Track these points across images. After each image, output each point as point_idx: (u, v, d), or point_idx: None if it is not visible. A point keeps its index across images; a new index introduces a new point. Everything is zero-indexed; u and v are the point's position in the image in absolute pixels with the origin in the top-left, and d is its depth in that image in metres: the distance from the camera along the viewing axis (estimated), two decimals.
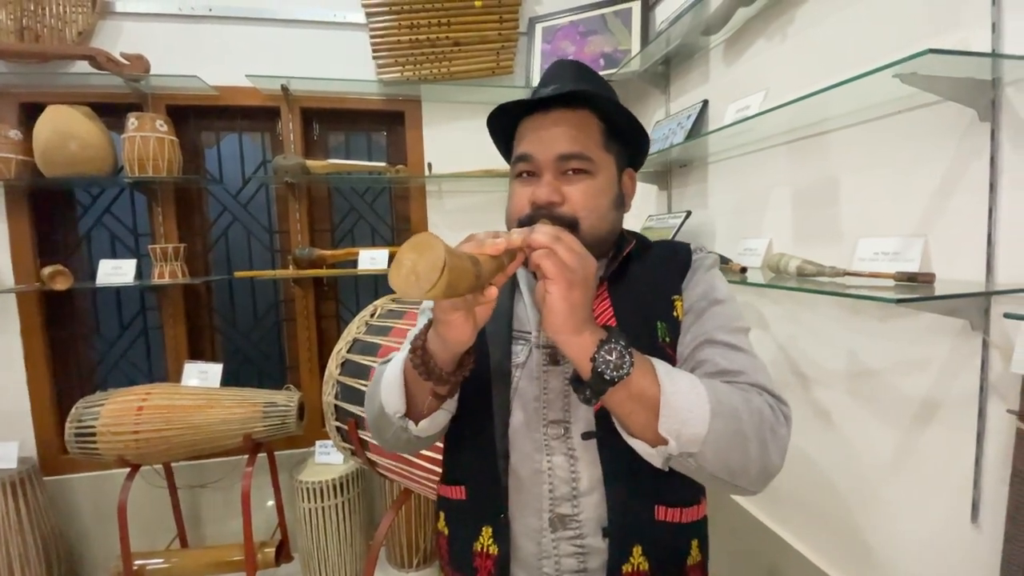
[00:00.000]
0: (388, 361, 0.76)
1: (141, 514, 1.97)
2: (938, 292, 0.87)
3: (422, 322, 0.81)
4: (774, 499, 1.44)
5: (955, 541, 0.97)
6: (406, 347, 0.74)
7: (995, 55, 0.85)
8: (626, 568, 0.67)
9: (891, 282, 0.94)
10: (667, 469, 0.62)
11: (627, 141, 0.75)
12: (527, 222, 0.65)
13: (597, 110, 0.71)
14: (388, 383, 0.69)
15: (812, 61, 1.24)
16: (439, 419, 0.70)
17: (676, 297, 0.72)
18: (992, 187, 0.88)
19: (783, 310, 1.37)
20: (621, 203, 0.75)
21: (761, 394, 0.63)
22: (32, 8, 1.96)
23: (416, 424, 0.69)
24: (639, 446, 0.61)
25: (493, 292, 0.56)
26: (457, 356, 0.63)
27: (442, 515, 0.80)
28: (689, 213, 1.68)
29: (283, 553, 1.94)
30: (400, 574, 2.08)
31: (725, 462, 0.58)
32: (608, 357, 0.55)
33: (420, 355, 0.62)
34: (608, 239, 0.73)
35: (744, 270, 1.31)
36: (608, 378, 0.55)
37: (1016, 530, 0.84)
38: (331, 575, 1.96)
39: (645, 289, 0.73)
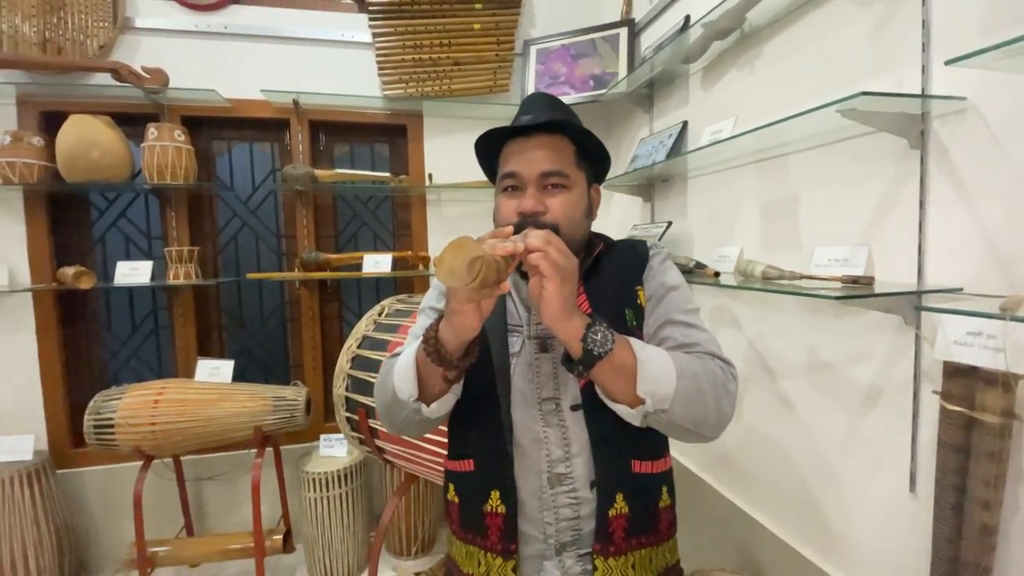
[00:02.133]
0: (396, 356, 0.87)
1: (148, 505, 2.05)
2: (876, 292, 1.03)
3: (421, 320, 0.94)
4: (745, 482, 1.59)
5: (897, 509, 1.12)
6: (410, 343, 0.87)
7: (924, 96, 1.02)
8: (611, 512, 0.81)
9: (839, 284, 1.10)
10: (644, 427, 0.76)
11: (594, 161, 0.89)
12: (517, 229, 0.78)
13: (570, 135, 0.84)
14: (401, 372, 0.79)
15: (776, 91, 1.41)
16: (447, 401, 0.81)
17: (638, 287, 0.87)
18: (922, 204, 1.05)
19: (753, 311, 1.53)
20: (590, 212, 0.89)
21: (713, 359, 0.78)
22: (55, 21, 2.07)
23: (428, 406, 0.79)
24: (621, 409, 0.75)
25: (507, 286, 0.68)
26: (465, 344, 0.74)
27: (451, 486, 0.91)
28: (670, 223, 1.84)
29: (287, 544, 2.04)
30: (399, 562, 2.19)
31: (690, 414, 0.73)
32: (595, 337, 0.69)
33: (433, 344, 0.73)
34: (581, 242, 0.87)
35: (717, 274, 1.47)
36: (596, 353, 0.69)
37: (942, 492, 0.99)
38: (334, 562, 2.06)
39: (613, 282, 0.87)
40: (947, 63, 0.81)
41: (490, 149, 0.89)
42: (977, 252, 0.96)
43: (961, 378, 0.94)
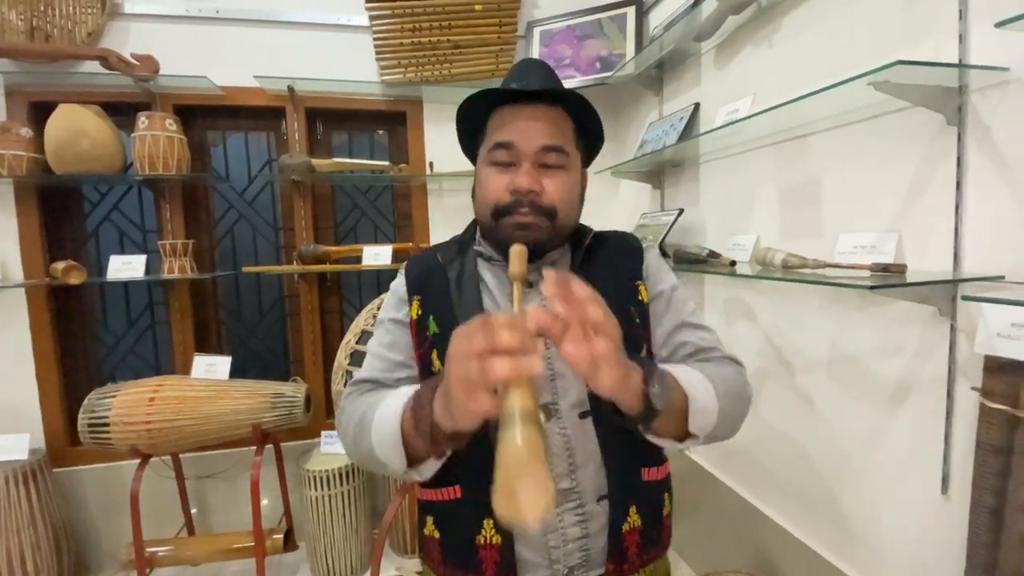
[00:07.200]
0: (361, 387, 0.77)
1: (148, 504, 2.01)
2: (909, 280, 0.95)
3: (380, 335, 0.81)
4: (761, 480, 1.53)
5: (927, 512, 1.06)
6: (371, 365, 0.76)
7: (961, 65, 0.93)
8: (625, 527, 0.74)
9: (867, 273, 1.02)
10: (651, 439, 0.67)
11: (588, 142, 0.80)
12: (506, 209, 0.71)
13: (570, 109, 0.75)
14: (384, 441, 0.64)
15: (797, 67, 1.32)
16: (438, 464, 0.67)
17: (639, 282, 0.80)
18: (959, 186, 0.97)
19: (769, 301, 1.46)
20: (583, 198, 0.80)
21: (731, 364, 0.76)
22: (42, 8, 2.00)
23: (416, 469, 0.65)
24: (666, 443, 0.68)
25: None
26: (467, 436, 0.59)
27: (430, 519, 0.79)
28: (681, 211, 1.76)
29: (289, 542, 2.00)
30: (402, 560, 2.15)
31: (727, 430, 0.71)
32: (655, 390, 0.59)
33: (427, 426, 0.58)
34: (572, 230, 0.79)
35: (733, 263, 1.39)
36: (659, 407, 0.58)
37: (979, 495, 0.93)
38: (337, 560, 2.02)
39: (611, 277, 0.77)
40: (998, 25, 0.73)
41: (473, 115, 0.77)
42: (1020, 237, 0.88)
43: (1005, 374, 0.87)
